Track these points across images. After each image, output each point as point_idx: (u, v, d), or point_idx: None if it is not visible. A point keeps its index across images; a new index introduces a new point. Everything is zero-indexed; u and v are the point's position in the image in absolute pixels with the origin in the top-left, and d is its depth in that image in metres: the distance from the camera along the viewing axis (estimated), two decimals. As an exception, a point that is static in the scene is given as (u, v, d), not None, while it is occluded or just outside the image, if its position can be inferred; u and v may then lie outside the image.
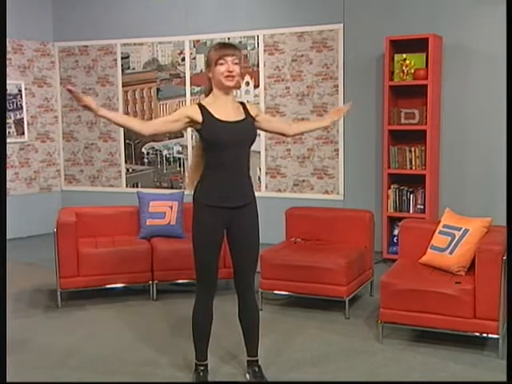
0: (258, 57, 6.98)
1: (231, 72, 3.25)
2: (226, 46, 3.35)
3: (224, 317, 4.10)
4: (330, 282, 4.57)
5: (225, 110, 3.32)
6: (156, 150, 7.62)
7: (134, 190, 7.14)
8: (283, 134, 3.73)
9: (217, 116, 3.28)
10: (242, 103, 3.45)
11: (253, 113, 3.43)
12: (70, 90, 3.12)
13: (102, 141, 7.88)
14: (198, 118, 3.28)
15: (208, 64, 3.34)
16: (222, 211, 3.32)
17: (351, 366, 3.77)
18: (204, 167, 3.37)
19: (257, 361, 3.57)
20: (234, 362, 3.81)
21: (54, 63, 7.94)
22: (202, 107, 3.31)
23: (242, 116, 3.36)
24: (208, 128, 3.28)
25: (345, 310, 4.59)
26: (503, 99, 4.82)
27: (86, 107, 3.14)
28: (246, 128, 3.36)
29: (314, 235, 5.12)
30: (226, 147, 3.26)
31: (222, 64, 3.26)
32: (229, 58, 3.26)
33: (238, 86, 3.39)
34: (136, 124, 3.34)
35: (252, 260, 3.46)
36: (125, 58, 7.64)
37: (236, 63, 3.28)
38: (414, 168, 6.08)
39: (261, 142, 7.01)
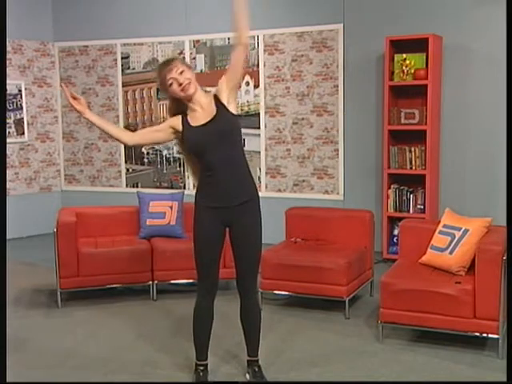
0: (258, 57, 6.98)
1: (182, 84, 3.24)
2: (165, 64, 3.31)
3: (224, 317, 4.10)
4: (330, 282, 4.57)
5: (199, 114, 3.31)
6: (156, 150, 7.61)
7: (134, 189, 7.15)
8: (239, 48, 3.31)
9: (192, 123, 3.31)
10: (214, 96, 3.35)
11: (223, 97, 3.31)
12: (62, 87, 3.23)
13: (102, 141, 7.87)
14: (179, 127, 3.33)
15: (164, 88, 3.32)
16: (220, 210, 3.33)
17: (351, 366, 3.77)
18: (199, 171, 3.40)
19: (257, 361, 3.57)
20: (234, 361, 3.81)
21: (53, 63, 7.93)
22: (184, 117, 3.34)
23: (213, 113, 3.29)
24: (186, 137, 3.32)
25: (345, 310, 4.59)
26: (503, 99, 4.82)
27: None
28: (219, 124, 3.28)
29: (314, 235, 5.12)
30: (207, 151, 3.26)
31: (171, 84, 3.26)
32: (173, 73, 3.25)
33: (192, 92, 3.28)
34: (120, 133, 3.43)
35: (253, 260, 3.45)
36: (125, 58, 7.64)
37: (181, 71, 3.26)
38: (414, 168, 6.07)
39: (261, 142, 7.01)
